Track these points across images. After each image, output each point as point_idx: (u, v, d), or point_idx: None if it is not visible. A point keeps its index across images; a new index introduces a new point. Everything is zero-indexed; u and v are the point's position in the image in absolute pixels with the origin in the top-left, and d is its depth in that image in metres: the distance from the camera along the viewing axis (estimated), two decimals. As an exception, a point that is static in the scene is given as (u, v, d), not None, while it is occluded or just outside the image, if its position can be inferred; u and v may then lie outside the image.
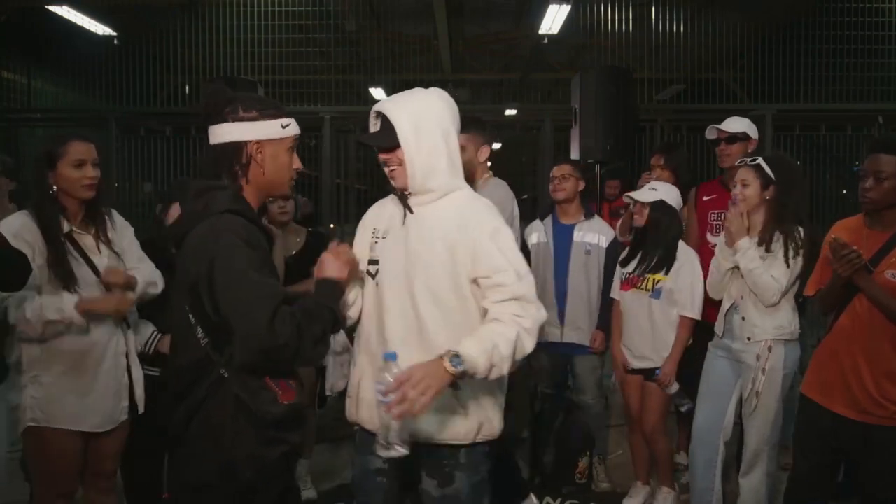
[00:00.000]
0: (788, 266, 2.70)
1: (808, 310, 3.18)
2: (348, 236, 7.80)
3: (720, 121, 3.50)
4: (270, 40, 6.98)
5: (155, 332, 2.72)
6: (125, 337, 2.48)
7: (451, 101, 1.91)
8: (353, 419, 1.99)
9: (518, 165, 9.83)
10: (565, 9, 6.86)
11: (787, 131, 6.84)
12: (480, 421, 1.88)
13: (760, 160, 2.76)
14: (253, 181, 1.73)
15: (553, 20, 7.22)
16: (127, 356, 2.48)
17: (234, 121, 1.69)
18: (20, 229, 2.24)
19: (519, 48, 10.45)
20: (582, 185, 3.65)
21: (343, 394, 3.66)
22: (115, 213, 2.52)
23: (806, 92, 6.94)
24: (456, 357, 1.64)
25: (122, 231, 2.52)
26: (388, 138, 1.83)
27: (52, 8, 6.76)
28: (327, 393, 3.33)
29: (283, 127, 1.73)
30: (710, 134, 3.42)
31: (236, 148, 1.70)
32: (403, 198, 1.90)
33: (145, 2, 7.80)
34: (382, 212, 2.01)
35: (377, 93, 9.17)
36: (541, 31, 7.55)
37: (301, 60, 7.11)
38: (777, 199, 2.74)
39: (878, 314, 2.34)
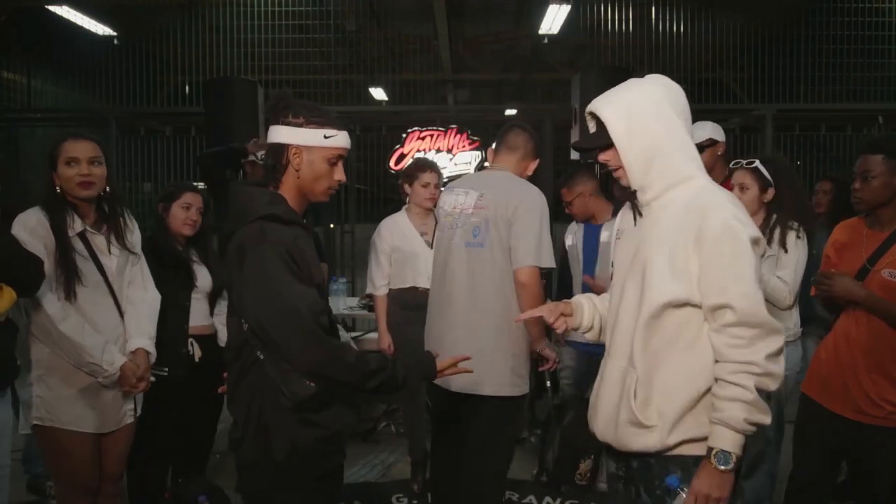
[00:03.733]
0: (787, 251, 2.67)
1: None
2: (347, 235, 7.81)
3: (721, 121, 3.49)
4: (270, 40, 7.00)
5: None
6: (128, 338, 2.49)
7: (672, 86, 1.74)
8: (591, 428, 1.82)
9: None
10: (565, 9, 6.87)
11: (787, 131, 6.85)
12: (679, 439, 1.64)
13: (758, 163, 2.75)
14: (288, 183, 1.80)
15: (553, 20, 7.23)
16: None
17: (283, 124, 1.78)
18: (36, 226, 2.27)
19: (519, 48, 10.46)
20: (592, 186, 3.63)
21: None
22: (129, 215, 2.52)
23: (806, 92, 6.95)
24: (721, 454, 1.57)
25: (136, 242, 2.53)
26: (601, 137, 1.70)
27: (52, 8, 6.77)
28: None
29: (326, 137, 1.78)
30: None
31: (280, 149, 1.78)
32: (632, 196, 1.73)
33: (145, 2, 7.81)
34: (627, 211, 1.84)
35: (377, 93, 9.18)
36: (541, 31, 7.56)
37: (301, 60, 7.12)
38: (776, 202, 2.74)
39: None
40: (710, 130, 3.27)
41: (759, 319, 1.56)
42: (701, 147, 3.23)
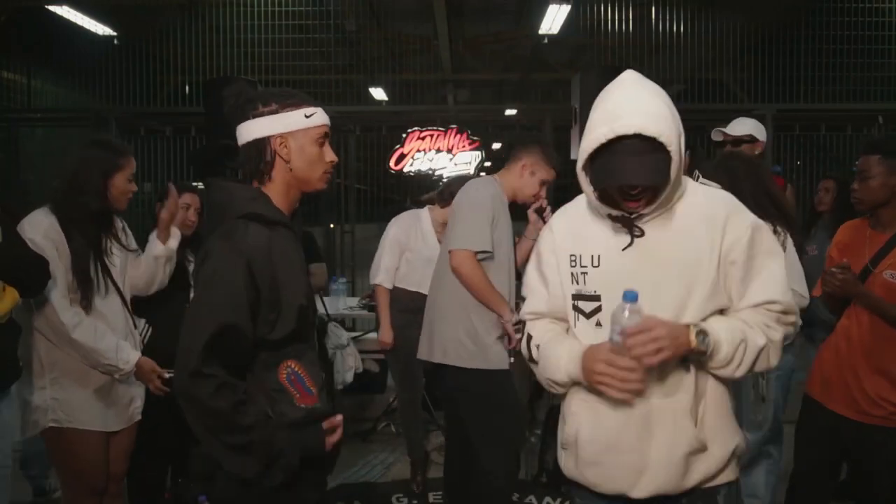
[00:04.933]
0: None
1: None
2: (347, 235, 7.80)
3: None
4: (270, 40, 6.99)
5: (146, 326, 2.72)
6: (135, 338, 2.52)
7: None
8: (570, 474, 1.67)
9: (518, 165, 9.84)
10: (565, 9, 6.86)
11: (787, 131, 6.85)
12: (731, 448, 1.59)
13: (698, 174, 2.68)
14: (278, 179, 1.64)
15: (553, 20, 7.22)
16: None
17: (254, 117, 1.62)
18: (49, 228, 2.27)
19: (519, 48, 10.45)
20: None
21: (346, 389, 3.68)
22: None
23: (806, 92, 6.95)
24: (702, 333, 1.46)
25: (131, 240, 2.58)
26: (662, 171, 1.46)
27: (52, 8, 6.76)
28: (337, 387, 3.36)
29: (307, 116, 1.62)
30: (716, 136, 3.37)
31: (261, 145, 1.62)
32: (626, 220, 1.54)
33: (145, 2, 7.80)
34: (578, 231, 1.62)
35: (377, 93, 9.17)
36: (541, 31, 7.55)
37: (301, 60, 7.11)
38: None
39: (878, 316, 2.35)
40: (751, 126, 3.24)
41: (794, 309, 1.59)
42: (739, 141, 3.24)
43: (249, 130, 1.63)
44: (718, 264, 1.51)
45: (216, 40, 6.93)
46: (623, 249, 1.55)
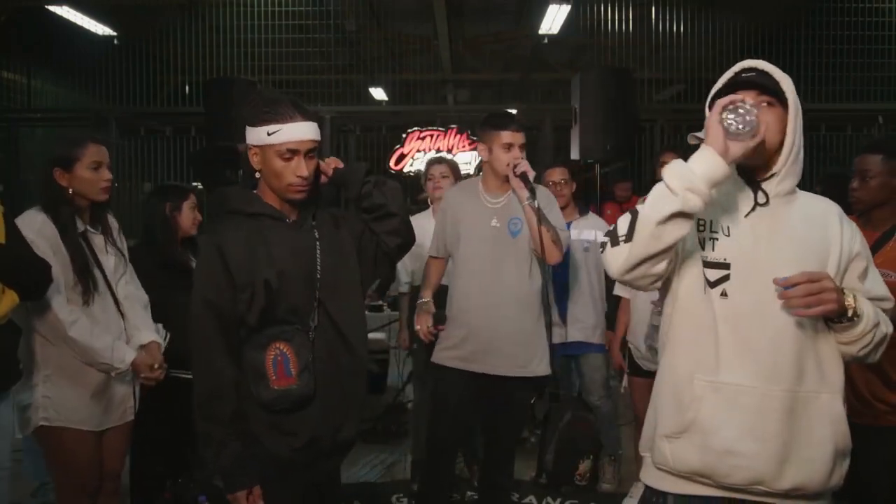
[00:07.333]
0: None
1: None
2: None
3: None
4: (270, 40, 7.00)
5: (166, 332, 2.71)
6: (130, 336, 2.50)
7: None
8: (689, 466, 1.52)
9: (518, 165, 9.84)
10: (565, 9, 6.86)
11: (787, 131, 6.85)
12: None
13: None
14: (261, 184, 1.84)
15: (553, 20, 7.23)
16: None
17: (246, 126, 1.82)
18: (42, 226, 2.25)
19: (519, 48, 10.45)
20: (574, 187, 3.67)
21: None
22: (111, 213, 2.53)
23: (806, 92, 6.95)
24: (853, 297, 1.47)
25: (123, 241, 2.55)
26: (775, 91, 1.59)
27: (52, 8, 6.77)
28: None
29: (269, 134, 1.73)
30: (692, 141, 3.35)
31: (247, 152, 1.83)
32: (754, 183, 1.57)
33: (145, 2, 7.81)
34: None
35: (377, 93, 9.18)
36: (541, 31, 7.55)
37: (301, 60, 7.13)
38: None
39: None
40: None
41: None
42: None
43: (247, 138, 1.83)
44: (841, 255, 1.53)
45: (216, 40, 6.94)
46: (746, 215, 1.54)
